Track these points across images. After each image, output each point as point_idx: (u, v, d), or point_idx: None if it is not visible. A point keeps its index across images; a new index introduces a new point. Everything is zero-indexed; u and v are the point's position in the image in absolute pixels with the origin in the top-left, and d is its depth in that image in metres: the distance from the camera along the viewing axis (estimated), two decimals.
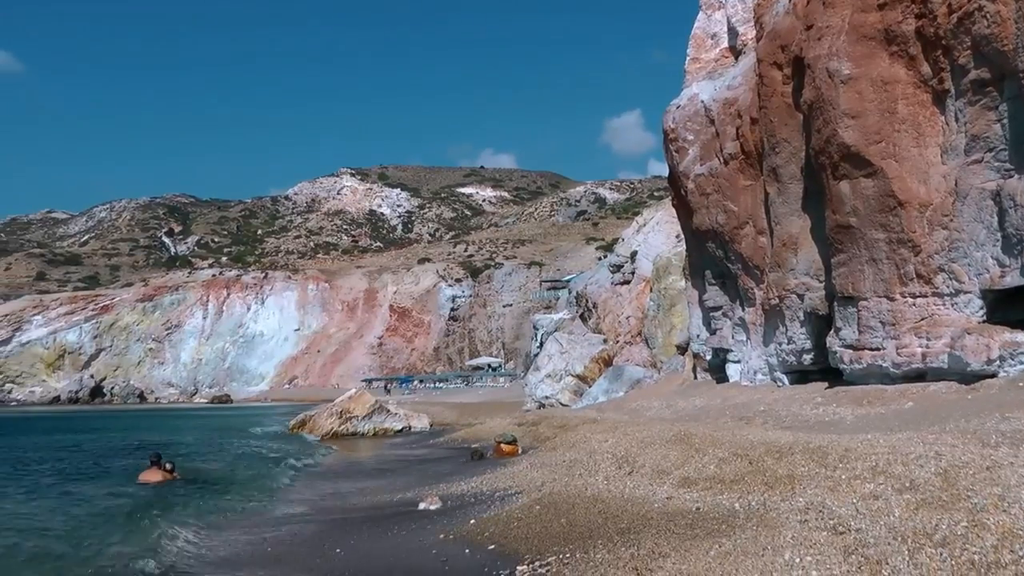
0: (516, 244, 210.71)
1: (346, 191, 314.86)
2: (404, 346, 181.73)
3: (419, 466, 32.44)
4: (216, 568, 15.91)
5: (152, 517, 20.96)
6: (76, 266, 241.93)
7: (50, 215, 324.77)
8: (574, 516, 15.79)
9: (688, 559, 11.02)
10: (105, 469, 35.49)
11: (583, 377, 55.76)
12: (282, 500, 24.78)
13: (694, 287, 41.09)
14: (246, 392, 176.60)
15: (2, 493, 27.92)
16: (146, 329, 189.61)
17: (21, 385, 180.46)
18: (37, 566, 16.06)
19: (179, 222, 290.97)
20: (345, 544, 17.12)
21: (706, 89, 37.35)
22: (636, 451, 20.38)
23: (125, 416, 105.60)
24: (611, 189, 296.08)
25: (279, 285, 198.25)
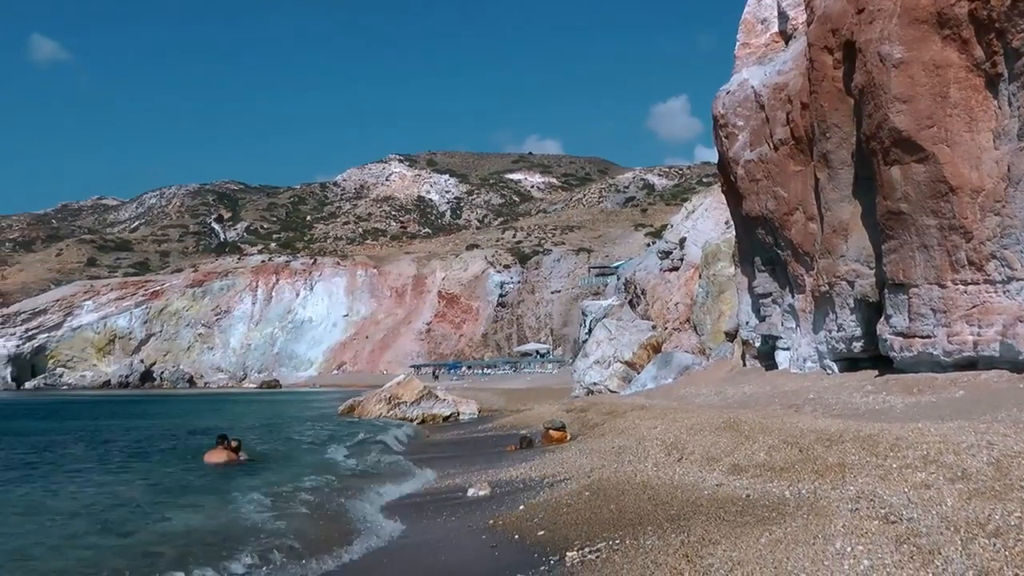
0: (564, 230, 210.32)
1: (395, 177, 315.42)
2: (452, 332, 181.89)
3: (467, 452, 32.46)
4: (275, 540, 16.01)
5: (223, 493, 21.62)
6: (126, 252, 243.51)
7: (101, 201, 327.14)
8: (623, 502, 15.71)
9: (739, 546, 10.92)
10: (169, 450, 35.76)
11: (632, 363, 55.60)
12: (337, 483, 24.58)
13: (743, 274, 40.87)
14: (295, 377, 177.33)
15: (83, 469, 28.74)
16: (196, 314, 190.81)
17: (72, 369, 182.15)
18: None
19: (228, 208, 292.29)
20: (395, 529, 17.22)
21: (756, 74, 37.13)
22: (685, 438, 20.28)
23: (177, 400, 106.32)
24: (659, 175, 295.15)
25: (328, 271, 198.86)
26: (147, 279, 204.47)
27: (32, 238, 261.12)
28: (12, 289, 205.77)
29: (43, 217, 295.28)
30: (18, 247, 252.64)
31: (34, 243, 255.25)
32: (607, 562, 12.00)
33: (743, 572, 9.95)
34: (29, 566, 14.61)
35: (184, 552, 15.20)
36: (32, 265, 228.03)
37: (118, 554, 15.23)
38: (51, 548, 15.96)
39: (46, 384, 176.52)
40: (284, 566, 14.57)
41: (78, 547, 16.00)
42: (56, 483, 25.22)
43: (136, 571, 14.02)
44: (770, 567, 9.92)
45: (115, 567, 14.28)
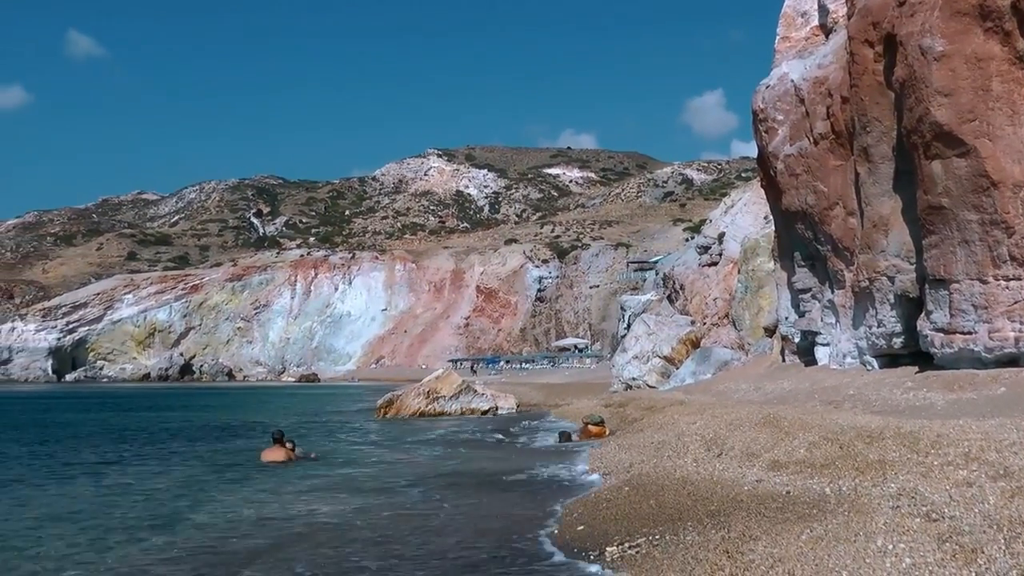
0: (603, 225, 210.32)
1: (433, 172, 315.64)
2: (491, 327, 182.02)
3: (506, 447, 32.49)
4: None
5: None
6: (166, 246, 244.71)
7: (141, 196, 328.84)
8: (663, 498, 15.72)
9: (779, 543, 10.88)
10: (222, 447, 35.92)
11: (670, 359, 55.52)
12: (380, 476, 24.91)
13: (783, 269, 40.68)
14: (333, 371, 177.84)
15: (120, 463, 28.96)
16: (235, 308, 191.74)
17: (112, 362, 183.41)
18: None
19: (267, 203, 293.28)
20: (432, 523, 17.21)
21: (796, 68, 36.95)
22: (725, 433, 20.25)
23: (218, 394, 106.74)
24: (698, 170, 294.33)
25: (366, 265, 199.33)
26: (187, 273, 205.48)
27: (73, 232, 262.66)
28: (53, 283, 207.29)
29: (84, 212, 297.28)
30: (59, 241, 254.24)
31: (75, 237, 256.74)
32: (647, 557, 12.00)
33: (784, 569, 9.91)
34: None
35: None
36: (73, 259, 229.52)
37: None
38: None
39: (86, 376, 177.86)
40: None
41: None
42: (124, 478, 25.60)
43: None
44: (811, 564, 9.88)
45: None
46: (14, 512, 19.70)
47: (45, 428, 47.72)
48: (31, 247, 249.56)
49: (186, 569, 14.02)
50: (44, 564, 14.64)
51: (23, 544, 16.11)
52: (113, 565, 14.41)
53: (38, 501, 21.33)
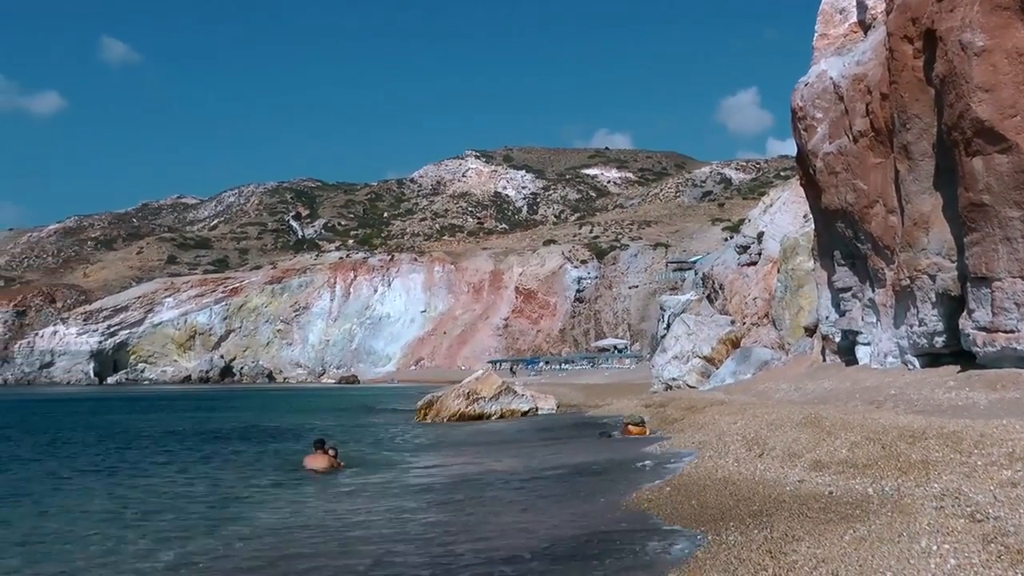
0: (642, 225, 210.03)
1: (471, 173, 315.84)
2: (530, 328, 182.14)
3: (547, 448, 32.47)
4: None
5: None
6: (206, 249, 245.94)
7: (180, 200, 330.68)
8: (705, 498, 15.68)
9: (822, 543, 10.80)
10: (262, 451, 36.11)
11: (710, 359, 55.38)
12: (419, 477, 25.37)
13: (823, 268, 40.47)
14: (373, 373, 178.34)
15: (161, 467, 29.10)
16: (275, 311, 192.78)
17: (153, 365, 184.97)
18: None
19: (306, 206, 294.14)
20: (478, 522, 17.26)
21: (835, 65, 36.75)
22: (766, 433, 20.17)
23: (258, 396, 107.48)
24: (736, 169, 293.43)
25: (405, 267, 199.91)
26: (226, 276, 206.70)
27: (113, 237, 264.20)
28: (94, 287, 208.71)
29: (124, 216, 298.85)
30: (100, 246, 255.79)
31: (115, 241, 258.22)
32: (689, 557, 11.97)
33: (828, 570, 9.83)
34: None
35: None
36: (113, 263, 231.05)
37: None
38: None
39: (128, 379, 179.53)
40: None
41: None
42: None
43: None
44: (855, 565, 9.79)
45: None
46: (66, 512, 20.35)
47: (96, 430, 48.34)
48: (72, 252, 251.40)
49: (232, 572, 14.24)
50: (95, 563, 15.03)
51: (76, 542, 16.74)
52: (173, 566, 14.74)
53: (92, 502, 21.93)
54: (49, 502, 22.17)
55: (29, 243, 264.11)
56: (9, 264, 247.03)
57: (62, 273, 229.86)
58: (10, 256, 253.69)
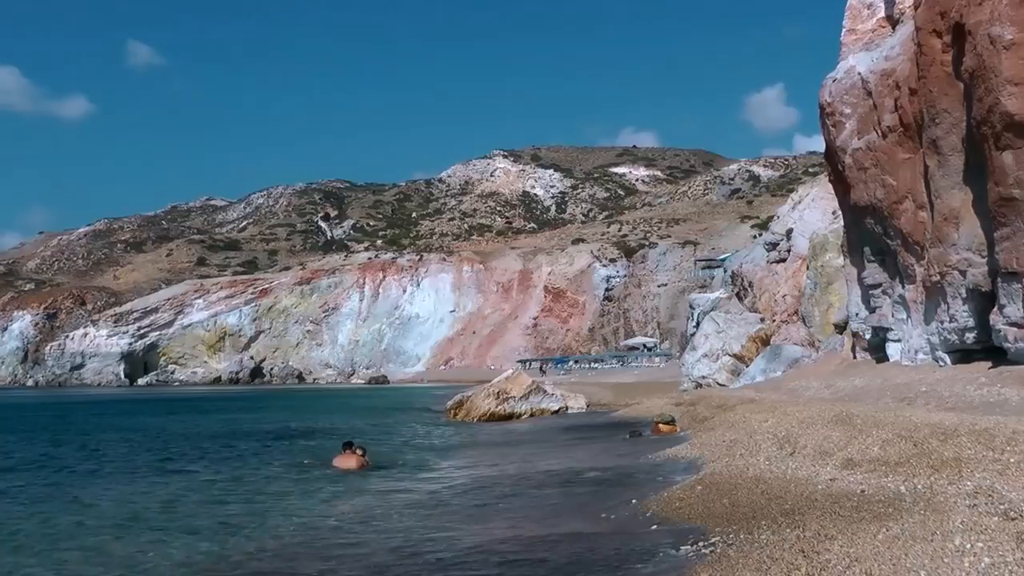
0: (670, 223, 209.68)
1: (499, 173, 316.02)
2: (559, 327, 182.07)
3: (578, 446, 32.48)
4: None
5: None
6: (235, 251, 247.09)
7: (209, 202, 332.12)
8: (736, 496, 15.67)
9: (855, 542, 10.74)
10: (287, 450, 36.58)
11: (740, 356, 55.25)
12: (452, 477, 25.62)
13: (852, 264, 40.28)
14: (402, 373, 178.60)
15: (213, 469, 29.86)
16: (304, 312, 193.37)
17: (183, 366, 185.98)
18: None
19: (335, 206, 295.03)
20: (512, 522, 17.41)
21: (863, 61, 36.57)
22: (797, 432, 20.10)
23: (289, 396, 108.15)
24: (764, 166, 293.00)
25: (434, 267, 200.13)
26: (256, 277, 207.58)
27: (143, 239, 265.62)
28: (124, 289, 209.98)
29: (153, 218, 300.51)
30: (130, 248, 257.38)
31: (145, 244, 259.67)
32: (722, 556, 11.94)
33: (861, 569, 9.78)
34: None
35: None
36: (143, 265, 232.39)
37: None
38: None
39: (158, 380, 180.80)
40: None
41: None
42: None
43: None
44: (888, 564, 9.74)
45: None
46: (112, 509, 21.36)
47: (137, 432, 48.91)
48: (102, 254, 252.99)
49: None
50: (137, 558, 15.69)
51: (123, 537, 17.69)
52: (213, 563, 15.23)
53: (135, 500, 22.83)
54: (101, 499, 23.25)
55: (59, 246, 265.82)
56: (40, 267, 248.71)
57: (92, 276, 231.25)
58: (41, 259, 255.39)
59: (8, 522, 19.68)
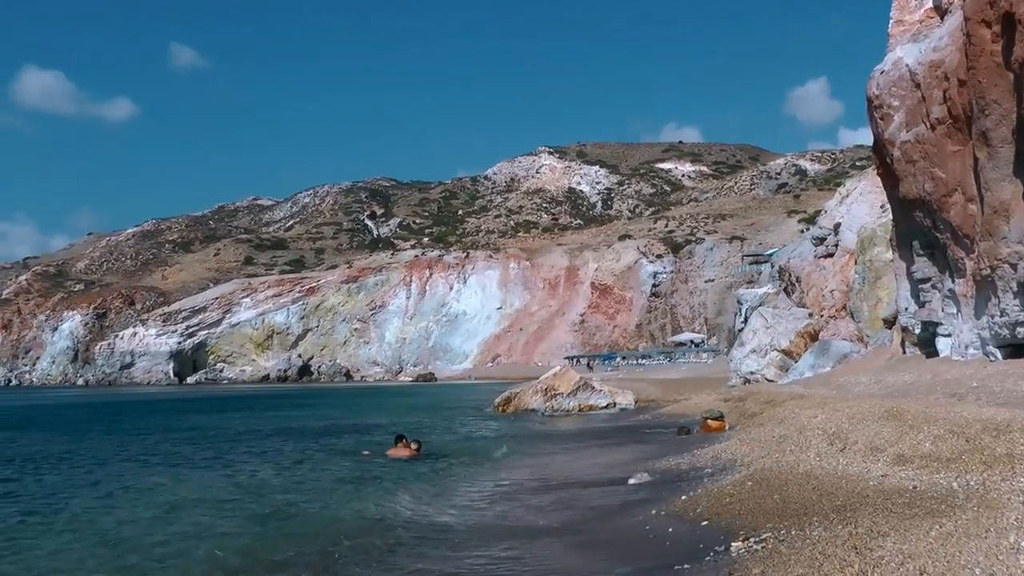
0: (717, 219, 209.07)
1: (545, 169, 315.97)
2: (606, 323, 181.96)
3: (626, 442, 32.47)
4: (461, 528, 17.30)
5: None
6: (282, 250, 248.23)
7: (256, 202, 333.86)
8: (787, 493, 15.59)
9: (908, 539, 10.62)
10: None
11: (788, 352, 54.99)
12: (504, 473, 25.80)
13: (901, 258, 39.99)
14: (449, 370, 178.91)
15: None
16: (351, 310, 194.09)
17: (232, 364, 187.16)
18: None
19: (381, 205, 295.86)
20: (558, 520, 17.44)
21: (911, 52, 36.29)
22: (847, 427, 19.95)
23: (337, 394, 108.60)
24: (811, 160, 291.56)
25: (480, 264, 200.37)
26: (303, 276, 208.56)
27: (191, 239, 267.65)
28: (172, 288, 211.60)
29: (201, 219, 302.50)
30: (177, 248, 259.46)
31: (193, 244, 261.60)
32: (773, 553, 11.85)
33: (915, 566, 9.65)
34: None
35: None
36: (191, 265, 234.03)
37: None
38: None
39: (207, 379, 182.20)
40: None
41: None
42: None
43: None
44: (942, 561, 9.62)
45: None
46: (198, 494, 23.17)
47: (195, 430, 49.69)
48: (150, 254, 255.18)
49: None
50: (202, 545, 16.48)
51: (190, 525, 18.65)
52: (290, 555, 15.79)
53: (204, 491, 24.00)
54: (187, 485, 25.03)
55: (108, 247, 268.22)
56: (89, 268, 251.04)
57: (141, 276, 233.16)
58: (90, 260, 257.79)
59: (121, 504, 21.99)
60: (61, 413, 71.14)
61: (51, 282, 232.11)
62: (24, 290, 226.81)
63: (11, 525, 19.49)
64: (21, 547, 17.09)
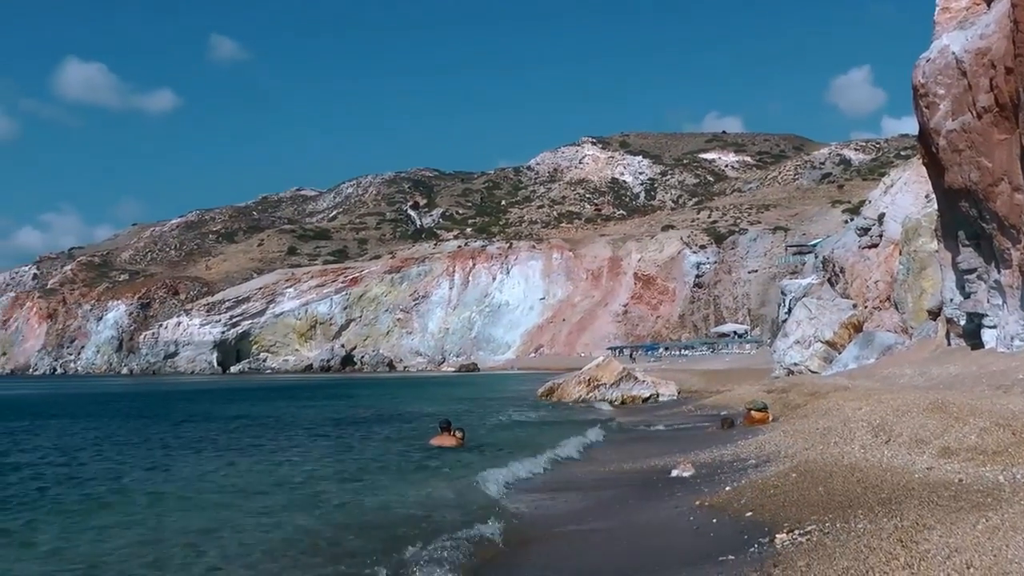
0: (760, 209, 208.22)
1: (588, 160, 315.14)
2: (649, 313, 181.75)
3: (669, 433, 32.47)
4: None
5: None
6: (325, 240, 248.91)
7: (299, 192, 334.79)
8: (831, 485, 15.53)
9: (954, 532, 10.55)
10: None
11: (832, 343, 54.74)
12: (548, 462, 26.01)
13: (946, 249, 39.71)
14: (492, 361, 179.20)
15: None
16: (394, 300, 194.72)
17: (275, 354, 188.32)
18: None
19: (424, 195, 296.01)
20: (603, 511, 17.60)
21: (957, 40, 35.99)
22: (892, 419, 19.85)
23: (381, 384, 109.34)
24: (855, 150, 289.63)
25: (523, 255, 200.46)
26: (346, 266, 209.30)
27: (234, 229, 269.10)
28: (216, 279, 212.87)
29: (244, 209, 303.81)
30: (221, 239, 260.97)
31: (236, 234, 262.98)
32: (818, 545, 11.78)
33: (961, 560, 9.57)
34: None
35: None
36: (235, 255, 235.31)
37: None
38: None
39: (250, 368, 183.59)
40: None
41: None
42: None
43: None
44: (989, 555, 9.54)
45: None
46: (263, 478, 24.01)
47: (248, 418, 50.11)
48: (194, 245, 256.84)
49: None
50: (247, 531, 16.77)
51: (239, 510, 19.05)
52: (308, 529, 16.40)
53: (279, 471, 25.32)
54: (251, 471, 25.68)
55: (152, 237, 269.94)
56: (133, 258, 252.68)
57: (185, 266, 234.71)
58: (134, 250, 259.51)
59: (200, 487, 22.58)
60: (113, 403, 71.68)
61: (96, 272, 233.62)
62: (69, 280, 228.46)
63: (96, 503, 20.35)
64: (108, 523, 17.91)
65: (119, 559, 14.89)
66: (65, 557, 15.13)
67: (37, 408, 63.78)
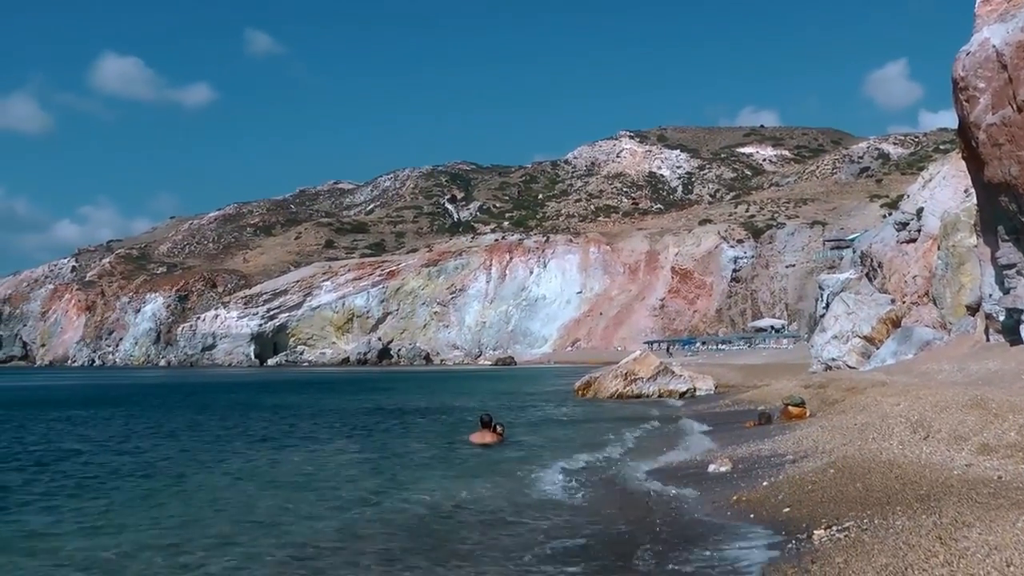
0: (798, 203, 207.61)
1: (625, 153, 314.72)
2: (686, 308, 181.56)
3: (707, 428, 32.47)
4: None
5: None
6: (362, 234, 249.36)
7: (337, 186, 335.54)
8: (870, 481, 15.50)
9: (994, 530, 10.52)
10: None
11: (870, 338, 54.51)
12: (587, 459, 25.59)
13: (985, 244, 39.51)
14: (529, 354, 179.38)
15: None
16: (431, 293, 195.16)
17: (312, 347, 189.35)
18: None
19: (461, 189, 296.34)
20: (641, 506, 17.65)
21: (998, 33, 35.78)
22: (930, 416, 19.77)
23: (419, 377, 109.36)
24: (894, 144, 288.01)
25: (560, 249, 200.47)
26: (383, 259, 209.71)
27: (272, 223, 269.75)
28: (254, 271, 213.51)
29: (282, 202, 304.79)
30: (259, 232, 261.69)
31: (274, 227, 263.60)
32: (856, 542, 11.80)
33: (1001, 557, 9.56)
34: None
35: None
36: (272, 248, 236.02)
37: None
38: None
39: (287, 361, 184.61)
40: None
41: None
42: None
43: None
44: None
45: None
46: (302, 469, 24.71)
47: (284, 410, 50.34)
48: (232, 238, 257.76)
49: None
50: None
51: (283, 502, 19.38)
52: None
53: (317, 462, 25.90)
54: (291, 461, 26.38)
55: (190, 230, 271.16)
56: (171, 251, 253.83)
57: (222, 259, 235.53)
58: (172, 243, 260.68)
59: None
60: (154, 392, 72.38)
61: (134, 265, 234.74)
62: (107, 272, 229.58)
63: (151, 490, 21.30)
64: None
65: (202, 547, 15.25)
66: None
67: (96, 399, 64.63)
